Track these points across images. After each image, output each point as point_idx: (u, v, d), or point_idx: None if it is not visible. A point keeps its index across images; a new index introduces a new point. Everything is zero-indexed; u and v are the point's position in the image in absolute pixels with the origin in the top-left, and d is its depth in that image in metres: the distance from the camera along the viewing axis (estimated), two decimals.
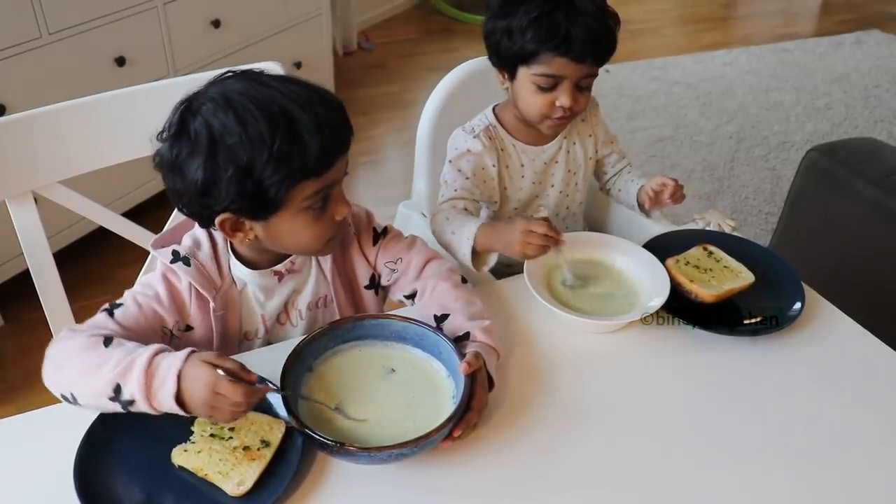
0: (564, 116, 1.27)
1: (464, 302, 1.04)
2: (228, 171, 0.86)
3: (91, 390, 0.86)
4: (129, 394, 0.84)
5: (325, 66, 3.11)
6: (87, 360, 0.87)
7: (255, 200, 0.89)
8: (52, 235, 1.21)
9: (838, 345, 1.10)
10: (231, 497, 0.83)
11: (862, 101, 3.53)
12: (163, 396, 0.83)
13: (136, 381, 0.83)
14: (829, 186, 1.76)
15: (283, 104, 0.87)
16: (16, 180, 1.13)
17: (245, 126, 0.86)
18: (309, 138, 0.87)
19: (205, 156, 0.87)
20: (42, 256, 1.18)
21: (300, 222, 0.94)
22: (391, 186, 2.81)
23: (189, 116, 0.89)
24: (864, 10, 4.64)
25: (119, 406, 0.85)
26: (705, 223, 1.33)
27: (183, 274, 0.99)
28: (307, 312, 1.10)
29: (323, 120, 0.88)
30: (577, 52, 1.19)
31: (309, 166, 0.88)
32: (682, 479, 0.90)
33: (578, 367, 1.05)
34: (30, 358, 2.00)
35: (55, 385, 0.89)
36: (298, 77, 0.95)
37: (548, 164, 1.39)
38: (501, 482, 0.88)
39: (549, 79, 1.23)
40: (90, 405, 0.88)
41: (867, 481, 0.90)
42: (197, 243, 1.03)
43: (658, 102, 3.49)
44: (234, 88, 0.89)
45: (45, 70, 2.01)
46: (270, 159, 0.85)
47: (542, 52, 1.20)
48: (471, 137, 1.34)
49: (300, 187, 0.90)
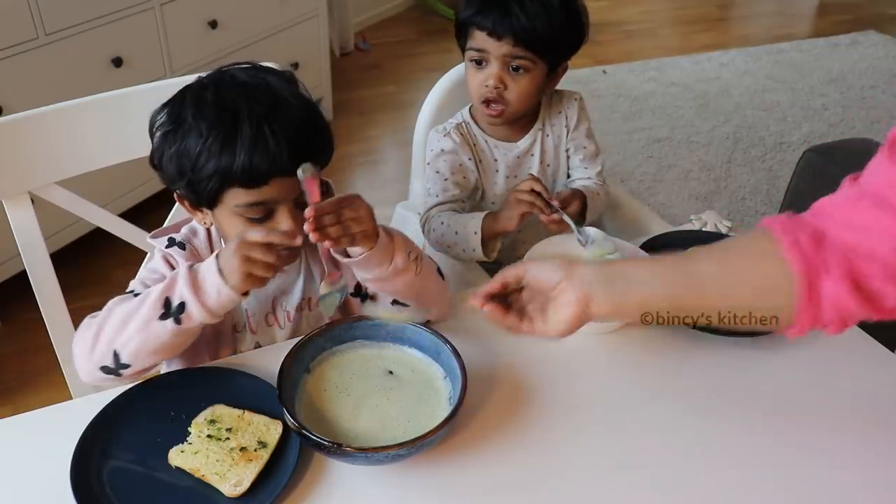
0: (495, 101, 1.29)
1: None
2: (171, 149, 0.92)
3: (139, 322, 0.90)
4: (178, 297, 0.89)
5: (321, 67, 3.11)
6: (127, 306, 0.92)
7: (191, 188, 0.93)
8: (48, 236, 1.21)
9: (835, 346, 1.10)
10: (228, 498, 0.83)
11: (858, 101, 3.54)
12: (208, 287, 0.89)
13: (183, 282, 0.89)
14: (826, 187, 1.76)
15: (237, 108, 0.89)
16: (12, 181, 1.13)
17: (199, 115, 0.90)
18: (240, 150, 0.88)
19: (166, 128, 0.93)
20: (39, 257, 1.17)
21: (236, 225, 0.96)
22: (388, 187, 2.81)
23: (185, 90, 0.95)
24: (861, 12, 4.65)
25: (171, 322, 0.89)
26: (702, 224, 1.34)
27: (179, 257, 1.01)
28: (295, 314, 1.09)
29: (267, 138, 0.88)
30: (490, 27, 1.24)
31: (235, 175, 0.89)
32: (681, 478, 0.90)
33: (577, 367, 1.05)
34: (26, 359, 2.02)
35: (94, 357, 0.92)
36: (297, 87, 0.97)
37: (521, 158, 1.40)
38: (500, 482, 0.88)
39: (476, 53, 1.28)
40: (136, 349, 0.91)
41: (865, 481, 0.90)
42: (193, 231, 1.06)
43: (655, 103, 3.50)
44: (223, 78, 0.94)
45: (42, 71, 2.01)
46: (202, 153, 0.89)
47: (470, 26, 1.27)
48: (442, 136, 1.37)
49: (231, 192, 0.92)
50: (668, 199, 2.81)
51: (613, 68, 3.80)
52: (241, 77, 0.94)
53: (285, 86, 0.95)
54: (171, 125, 0.93)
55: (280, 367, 0.90)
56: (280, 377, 0.89)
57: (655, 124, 3.32)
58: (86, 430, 0.89)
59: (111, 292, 1.00)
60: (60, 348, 1.21)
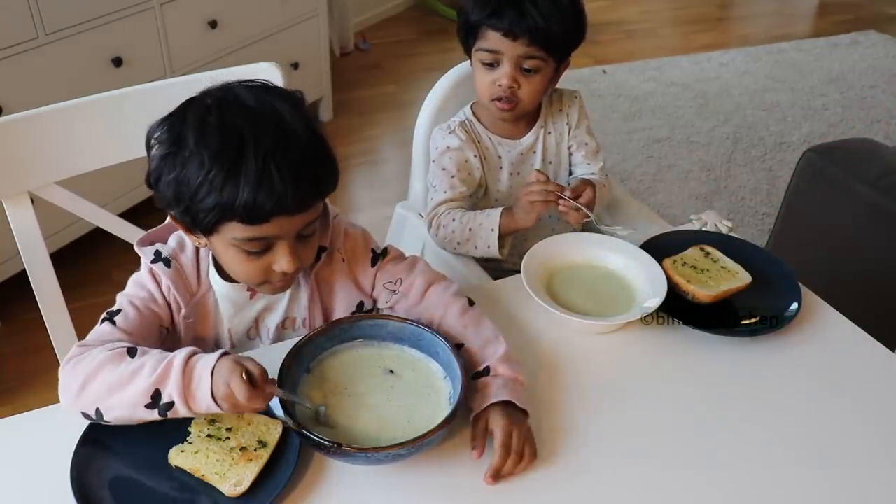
0: (507, 99, 1.29)
1: (474, 329, 1.01)
2: (171, 174, 0.87)
3: (125, 401, 0.86)
4: (167, 396, 0.84)
5: (321, 67, 3.11)
6: (116, 372, 0.87)
7: (187, 214, 0.89)
8: (48, 236, 1.21)
9: (835, 345, 1.10)
10: (228, 498, 0.83)
11: (858, 101, 3.53)
12: (200, 395, 0.84)
13: (175, 382, 0.84)
14: (826, 187, 1.77)
15: (243, 138, 0.83)
16: (12, 181, 1.13)
17: (201, 140, 0.84)
18: (244, 185, 0.83)
19: (166, 149, 0.88)
20: (39, 257, 1.17)
21: (232, 255, 0.92)
22: (388, 187, 2.81)
23: (187, 106, 0.89)
24: (861, 11, 4.65)
25: (156, 413, 0.85)
26: (702, 224, 1.33)
27: (163, 275, 0.98)
28: (274, 332, 1.08)
29: (273, 176, 0.83)
30: (506, 28, 1.23)
31: (236, 211, 0.84)
32: (680, 478, 0.90)
33: (576, 367, 1.05)
34: (26, 358, 2.02)
35: (78, 404, 0.88)
36: (305, 114, 0.90)
37: (524, 155, 1.41)
38: (500, 482, 0.88)
39: (488, 54, 1.27)
40: (120, 417, 0.87)
41: (864, 480, 0.90)
42: (181, 245, 1.01)
43: (655, 103, 3.50)
44: (228, 98, 0.88)
45: (42, 71, 2.01)
46: (203, 184, 0.84)
47: (482, 26, 1.25)
48: (447, 134, 1.37)
49: (230, 225, 0.87)
50: (668, 199, 2.81)
51: (613, 68, 3.80)
52: (247, 100, 0.88)
53: (293, 111, 0.88)
54: (170, 147, 0.87)
55: (280, 367, 0.90)
56: (280, 377, 0.89)
57: (655, 124, 3.32)
58: (86, 429, 0.89)
59: (111, 292, 0.99)
60: (60, 348, 1.21)
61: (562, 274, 1.18)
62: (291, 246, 0.91)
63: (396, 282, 1.07)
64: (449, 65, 1.54)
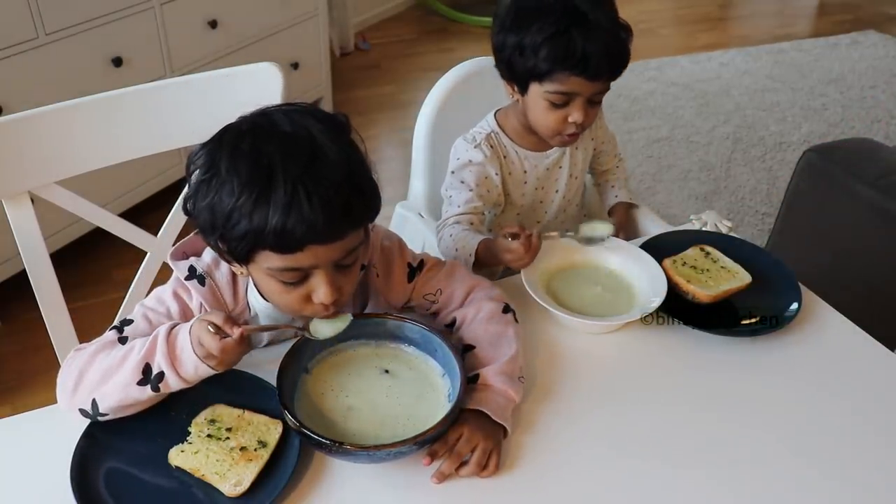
0: (575, 133, 1.26)
1: (492, 335, 1.00)
2: (204, 201, 0.84)
3: (118, 383, 0.87)
4: (157, 367, 0.86)
5: (321, 67, 3.11)
6: (109, 357, 0.89)
7: (223, 241, 0.86)
8: (48, 236, 1.21)
9: (834, 345, 1.10)
10: (228, 498, 0.83)
11: (858, 101, 3.53)
12: (185, 358, 0.86)
13: (161, 352, 0.86)
14: (826, 187, 1.77)
15: (272, 165, 0.80)
16: (12, 180, 1.13)
17: (232, 167, 0.82)
18: (273, 212, 0.79)
19: (202, 174, 0.85)
20: (39, 257, 1.17)
21: (269, 285, 0.90)
22: (388, 187, 2.77)
23: (224, 132, 0.87)
24: (861, 12, 4.65)
25: (148, 388, 0.86)
26: (702, 224, 1.33)
27: (195, 293, 0.96)
28: None
29: (302, 203, 0.79)
30: (592, 72, 1.18)
31: (267, 239, 0.81)
32: (680, 478, 0.90)
33: (576, 367, 1.05)
34: (26, 358, 2.02)
35: (75, 399, 0.89)
36: (346, 134, 0.88)
37: (551, 170, 1.39)
38: (500, 481, 0.88)
39: (563, 96, 1.21)
40: (114, 405, 0.88)
41: (864, 480, 0.90)
42: (216, 261, 0.97)
43: (655, 103, 3.50)
44: (262, 123, 0.85)
45: (42, 70, 2.01)
46: (234, 210, 0.81)
47: (557, 71, 1.19)
48: (472, 147, 1.32)
49: (264, 254, 0.84)
50: (668, 199, 2.81)
51: None
52: (282, 125, 0.84)
53: (331, 134, 0.85)
54: (206, 172, 0.84)
55: (279, 367, 0.90)
56: (280, 377, 0.89)
57: (655, 124, 3.32)
58: (86, 429, 0.89)
59: (111, 292, 1.00)
60: (60, 348, 1.21)
61: (562, 274, 1.18)
62: (330, 275, 0.87)
63: (436, 292, 1.06)
64: (449, 64, 1.54)
